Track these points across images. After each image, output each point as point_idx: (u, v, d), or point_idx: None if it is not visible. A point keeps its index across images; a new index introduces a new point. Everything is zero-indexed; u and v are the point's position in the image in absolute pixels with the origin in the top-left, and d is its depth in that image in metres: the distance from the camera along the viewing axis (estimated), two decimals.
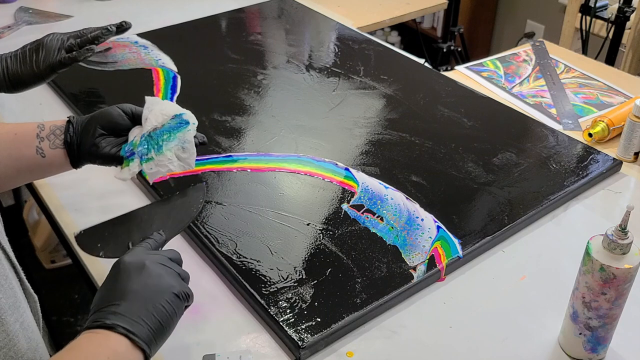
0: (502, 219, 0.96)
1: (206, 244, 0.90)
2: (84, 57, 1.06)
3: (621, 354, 0.78)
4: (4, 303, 0.54)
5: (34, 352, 0.58)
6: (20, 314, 0.57)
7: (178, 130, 0.80)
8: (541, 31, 2.75)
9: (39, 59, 1.04)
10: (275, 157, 1.09)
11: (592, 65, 1.47)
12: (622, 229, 0.69)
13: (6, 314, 0.54)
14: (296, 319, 0.79)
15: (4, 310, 0.54)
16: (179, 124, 0.80)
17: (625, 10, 1.77)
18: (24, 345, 0.56)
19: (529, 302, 0.85)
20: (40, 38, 1.06)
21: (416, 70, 1.41)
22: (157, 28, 1.57)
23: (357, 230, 0.93)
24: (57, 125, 0.81)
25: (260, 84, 1.33)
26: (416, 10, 1.79)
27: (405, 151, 1.11)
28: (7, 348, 0.54)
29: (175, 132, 0.80)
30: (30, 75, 1.03)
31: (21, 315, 0.57)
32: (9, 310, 0.55)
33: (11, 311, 0.55)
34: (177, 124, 0.80)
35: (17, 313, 0.56)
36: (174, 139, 0.79)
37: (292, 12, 1.71)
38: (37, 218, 2.05)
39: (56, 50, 1.05)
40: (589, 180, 1.05)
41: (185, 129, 0.79)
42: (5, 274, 0.56)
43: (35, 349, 0.58)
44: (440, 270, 0.87)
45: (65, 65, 1.05)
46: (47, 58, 1.04)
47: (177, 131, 0.80)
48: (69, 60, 1.05)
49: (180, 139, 0.79)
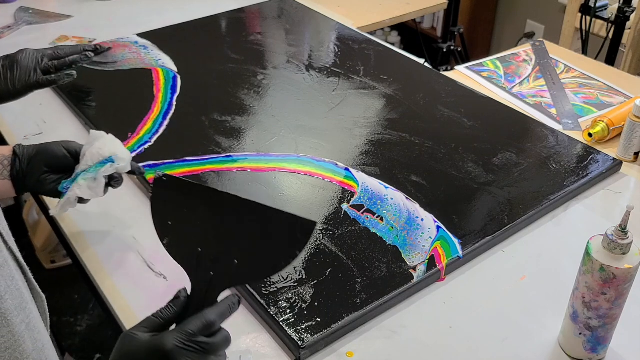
0: (502, 219, 0.96)
1: None
2: (64, 81, 1.07)
3: (621, 354, 0.78)
4: (10, 304, 0.54)
5: (40, 353, 0.58)
6: (27, 314, 0.57)
7: (101, 165, 0.85)
8: (541, 31, 2.75)
9: (14, 77, 1.04)
10: (275, 157, 1.09)
11: (592, 65, 1.47)
12: (622, 229, 0.69)
13: (12, 315, 0.54)
14: (296, 319, 0.79)
15: (10, 311, 0.54)
16: (106, 161, 0.85)
17: (625, 10, 1.77)
18: (29, 346, 0.56)
19: (529, 302, 0.85)
20: (13, 54, 1.06)
21: (416, 70, 1.41)
22: (157, 28, 1.57)
23: (357, 230, 0.93)
24: (5, 156, 0.86)
25: (260, 84, 1.33)
26: (416, 10, 1.79)
27: (405, 151, 1.11)
28: (12, 349, 0.54)
29: (97, 167, 0.85)
30: (5, 92, 1.04)
31: (27, 316, 0.57)
32: (15, 311, 0.55)
33: (17, 312, 0.55)
34: (105, 161, 0.85)
35: (24, 314, 0.56)
36: (92, 171, 0.85)
37: (292, 12, 1.71)
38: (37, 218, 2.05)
39: (32, 70, 1.05)
40: (589, 180, 1.05)
41: (105, 165, 0.85)
42: (12, 275, 0.56)
43: (41, 349, 0.58)
44: (440, 270, 0.87)
45: (43, 86, 1.06)
46: (22, 77, 1.04)
47: (99, 166, 0.85)
48: (48, 82, 1.06)
49: (97, 172, 0.85)
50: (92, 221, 0.98)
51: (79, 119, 1.24)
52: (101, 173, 0.85)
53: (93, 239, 0.95)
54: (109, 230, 0.96)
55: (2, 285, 0.53)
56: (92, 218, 0.99)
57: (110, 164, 0.85)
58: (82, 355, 1.79)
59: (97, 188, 0.85)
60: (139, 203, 1.02)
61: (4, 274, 0.54)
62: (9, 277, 0.55)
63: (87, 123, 1.21)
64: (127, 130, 1.16)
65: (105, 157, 0.85)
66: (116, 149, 0.86)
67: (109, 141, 0.86)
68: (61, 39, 1.55)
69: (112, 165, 0.85)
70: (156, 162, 1.07)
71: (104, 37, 1.54)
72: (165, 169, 1.05)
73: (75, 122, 1.23)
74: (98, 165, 0.85)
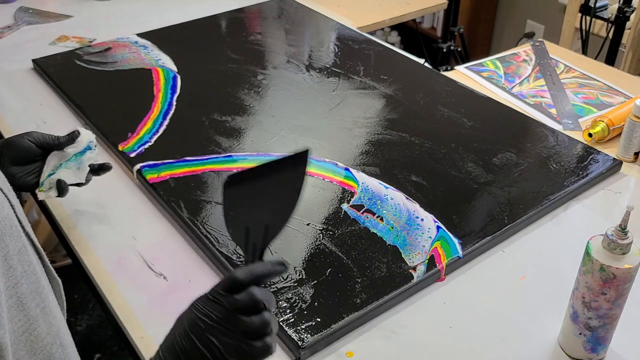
0: (502, 219, 0.96)
1: (206, 244, 0.90)
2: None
3: (621, 354, 0.78)
4: (26, 288, 0.55)
5: (55, 337, 0.58)
6: (42, 299, 0.57)
7: (81, 154, 0.92)
8: (541, 31, 2.75)
9: None
10: (275, 157, 1.09)
11: (592, 65, 1.47)
12: (622, 229, 0.69)
13: (27, 299, 0.55)
14: (296, 319, 0.79)
15: (25, 295, 0.55)
16: (84, 150, 0.92)
17: (625, 10, 1.77)
18: (44, 330, 0.57)
19: (529, 302, 0.85)
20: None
21: (416, 70, 1.41)
22: (157, 28, 1.57)
23: (357, 230, 0.93)
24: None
25: (260, 84, 1.33)
26: (416, 10, 1.79)
27: (405, 151, 1.11)
28: (27, 333, 0.55)
29: (78, 155, 0.92)
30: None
31: (43, 301, 0.57)
32: (30, 295, 0.55)
33: (32, 296, 0.56)
34: (84, 149, 0.92)
35: (39, 298, 0.57)
36: (73, 160, 0.92)
37: (292, 12, 1.71)
38: (37, 218, 2.05)
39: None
40: (589, 180, 1.05)
41: (86, 153, 0.92)
42: (29, 260, 0.57)
43: (56, 333, 0.59)
44: (440, 270, 0.87)
45: None
46: None
47: (79, 155, 0.92)
48: None
49: (81, 160, 0.92)
50: (92, 221, 0.98)
51: (79, 119, 1.24)
52: (85, 161, 0.92)
53: (93, 238, 0.95)
54: (109, 230, 0.96)
55: (19, 270, 0.54)
56: (92, 218, 0.99)
57: (90, 151, 0.92)
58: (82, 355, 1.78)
59: (81, 174, 0.92)
60: (139, 203, 1.02)
61: (21, 259, 0.55)
62: (26, 262, 0.56)
63: (87, 123, 1.21)
64: (127, 130, 1.16)
65: (83, 146, 0.91)
66: (91, 136, 0.93)
67: (83, 132, 0.92)
68: (61, 39, 1.55)
69: (92, 152, 0.93)
70: (156, 162, 1.07)
71: (104, 37, 1.54)
72: (165, 169, 1.05)
73: (75, 122, 1.23)
74: (78, 155, 0.91)
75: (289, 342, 0.77)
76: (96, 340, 1.84)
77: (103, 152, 1.14)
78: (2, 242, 0.51)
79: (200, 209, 0.96)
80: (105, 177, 1.01)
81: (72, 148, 0.91)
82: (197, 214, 0.95)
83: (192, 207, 0.97)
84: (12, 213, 0.55)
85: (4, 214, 0.52)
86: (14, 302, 0.53)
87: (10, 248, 0.53)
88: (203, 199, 0.99)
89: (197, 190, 1.00)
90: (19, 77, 1.39)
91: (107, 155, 1.13)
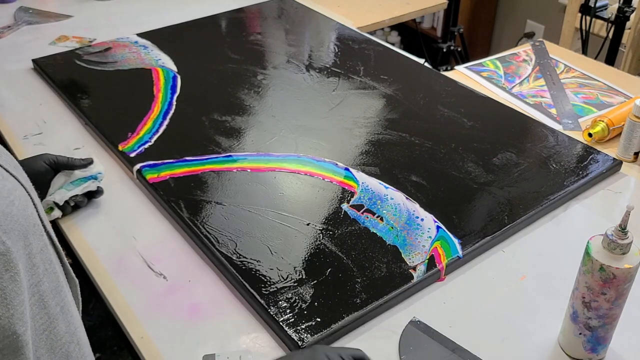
0: (502, 219, 0.96)
1: (206, 244, 0.90)
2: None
3: (621, 354, 0.78)
4: (47, 287, 0.55)
5: (72, 336, 0.59)
6: (62, 298, 0.58)
7: (85, 180, 0.98)
8: (541, 31, 2.75)
9: None
10: (275, 157, 1.09)
11: (592, 65, 1.47)
12: (622, 229, 0.69)
13: (48, 297, 0.55)
14: (296, 319, 0.79)
15: (47, 293, 0.55)
16: (90, 177, 0.98)
17: (625, 10, 1.77)
18: (62, 329, 0.57)
19: (529, 302, 0.85)
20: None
21: (416, 70, 1.41)
22: (157, 28, 1.58)
23: (357, 230, 0.93)
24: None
25: (260, 84, 1.33)
26: (416, 10, 1.79)
27: (405, 151, 1.11)
28: (48, 331, 0.55)
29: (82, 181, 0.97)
30: None
31: (62, 299, 0.58)
32: (51, 293, 0.56)
33: (53, 295, 0.56)
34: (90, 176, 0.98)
35: (59, 297, 0.57)
36: (76, 184, 0.97)
37: (292, 12, 1.71)
38: None
39: None
40: (589, 180, 1.05)
41: (89, 181, 0.98)
42: (50, 259, 0.57)
43: (73, 332, 0.59)
44: (440, 270, 0.87)
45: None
46: None
47: (83, 181, 0.97)
48: None
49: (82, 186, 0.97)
50: (93, 221, 0.98)
51: (79, 119, 1.24)
52: (84, 188, 0.97)
53: (93, 239, 0.95)
54: (109, 230, 0.96)
55: (41, 268, 0.54)
56: (92, 218, 0.99)
57: (93, 180, 0.98)
58: None
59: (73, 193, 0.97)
60: (139, 203, 1.02)
61: (43, 257, 0.55)
62: (47, 260, 0.56)
63: (87, 123, 1.21)
64: (127, 130, 1.16)
65: (92, 173, 0.98)
66: (101, 168, 1.00)
67: (96, 162, 0.99)
68: (61, 39, 1.55)
69: (94, 182, 0.98)
70: (156, 162, 1.07)
71: (104, 37, 1.54)
72: (165, 169, 1.05)
73: (75, 122, 1.23)
74: (82, 180, 0.97)
75: (289, 342, 0.77)
76: (96, 340, 1.84)
77: (103, 152, 1.14)
78: (26, 240, 0.51)
79: (200, 209, 0.97)
80: (105, 177, 1.01)
81: (81, 172, 0.97)
82: (197, 214, 0.95)
83: (192, 207, 0.97)
84: (35, 212, 0.55)
85: (27, 212, 0.53)
86: (36, 300, 0.53)
87: (34, 246, 0.53)
88: (203, 199, 0.99)
89: (197, 190, 1.00)
90: (19, 77, 1.39)
91: (107, 155, 1.13)
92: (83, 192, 0.97)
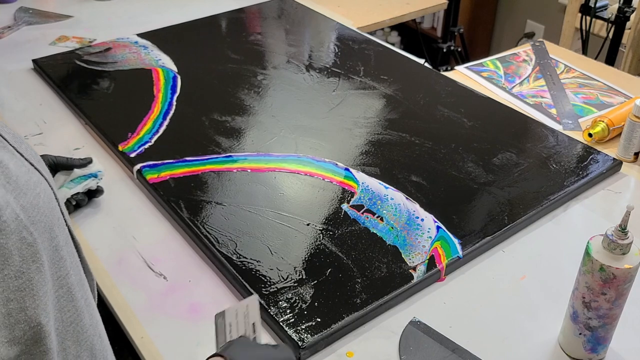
0: (502, 219, 0.96)
1: (206, 244, 0.90)
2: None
3: (621, 354, 0.78)
4: (74, 279, 0.56)
5: (95, 329, 0.60)
6: (85, 291, 0.59)
7: (84, 178, 0.98)
8: (541, 31, 2.75)
9: None
10: (275, 157, 1.09)
11: (592, 65, 1.47)
12: (622, 229, 0.69)
13: (75, 290, 0.56)
14: (296, 319, 0.79)
15: (74, 286, 0.55)
16: (89, 175, 0.98)
17: (625, 10, 1.77)
18: (87, 322, 0.58)
19: (529, 302, 0.85)
20: None
21: (416, 70, 1.41)
22: (157, 28, 1.57)
23: (357, 230, 0.93)
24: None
25: (260, 84, 1.33)
26: (416, 10, 1.79)
27: (405, 151, 1.11)
28: (75, 323, 0.55)
29: (82, 179, 0.98)
30: None
31: (85, 292, 0.59)
32: (77, 286, 0.56)
33: (78, 287, 0.57)
34: (90, 175, 0.99)
35: (82, 290, 0.58)
36: (77, 182, 0.97)
37: (292, 12, 1.71)
38: None
39: None
40: (589, 180, 1.05)
41: (89, 179, 0.98)
42: (73, 252, 0.58)
43: (95, 325, 0.60)
44: (440, 270, 0.87)
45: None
46: None
47: (83, 179, 0.98)
48: None
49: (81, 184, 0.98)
50: (92, 221, 0.98)
51: (79, 119, 1.24)
52: (85, 186, 0.97)
53: (93, 238, 0.95)
54: (109, 230, 0.96)
55: (68, 261, 0.55)
56: (92, 218, 0.99)
57: (93, 177, 0.98)
58: None
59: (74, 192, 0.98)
60: (139, 203, 1.02)
61: (68, 250, 0.56)
62: (71, 254, 0.57)
63: (87, 123, 1.21)
64: (127, 130, 1.16)
65: (91, 172, 0.98)
66: (100, 167, 1.00)
67: (95, 162, 1.00)
68: (61, 39, 1.55)
69: (94, 180, 0.98)
70: (156, 162, 1.07)
71: (104, 37, 1.54)
72: (165, 169, 1.05)
73: (75, 122, 1.23)
74: (82, 178, 0.97)
75: (289, 342, 0.77)
76: None
77: (103, 152, 1.14)
78: (52, 232, 0.52)
79: (200, 209, 0.97)
80: (105, 177, 1.01)
81: (81, 171, 0.97)
82: (197, 214, 0.95)
83: (192, 207, 0.97)
84: (57, 205, 0.56)
85: (52, 205, 0.53)
86: (64, 292, 0.54)
87: (60, 239, 0.53)
88: (203, 199, 0.99)
89: (197, 191, 1.00)
90: (19, 77, 1.39)
91: (107, 155, 1.13)
92: (84, 189, 0.97)
